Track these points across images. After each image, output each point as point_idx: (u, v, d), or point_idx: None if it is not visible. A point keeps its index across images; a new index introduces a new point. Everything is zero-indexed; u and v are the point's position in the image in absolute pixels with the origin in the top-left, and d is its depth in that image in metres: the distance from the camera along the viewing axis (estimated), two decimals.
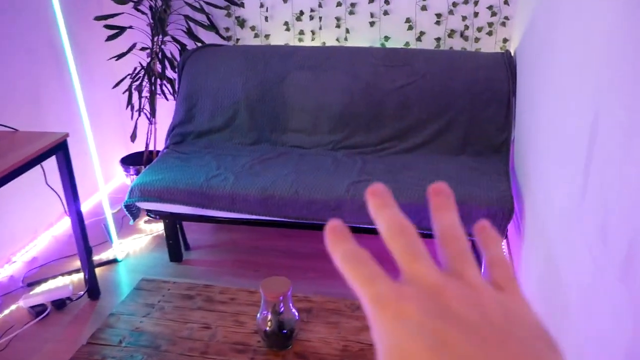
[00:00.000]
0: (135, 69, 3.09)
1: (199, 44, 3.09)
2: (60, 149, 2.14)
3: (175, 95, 3.12)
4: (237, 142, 2.85)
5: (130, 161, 3.27)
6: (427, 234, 0.45)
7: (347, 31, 3.10)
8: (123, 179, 3.41)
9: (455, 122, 2.68)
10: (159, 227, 2.96)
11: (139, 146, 3.32)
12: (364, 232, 2.39)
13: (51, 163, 2.20)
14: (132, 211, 2.53)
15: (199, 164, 2.59)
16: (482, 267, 0.33)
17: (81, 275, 2.51)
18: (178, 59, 3.12)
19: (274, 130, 2.85)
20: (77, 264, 2.50)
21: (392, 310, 0.27)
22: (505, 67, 2.68)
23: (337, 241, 0.30)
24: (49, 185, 2.31)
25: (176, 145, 2.86)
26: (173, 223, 2.62)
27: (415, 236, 0.30)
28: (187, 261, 2.70)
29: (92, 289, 2.41)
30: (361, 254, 0.29)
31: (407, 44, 3.06)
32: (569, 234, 1.47)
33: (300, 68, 2.84)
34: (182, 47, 3.09)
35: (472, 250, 0.31)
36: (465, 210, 2.16)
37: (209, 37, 3.15)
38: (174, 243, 2.64)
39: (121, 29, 2.94)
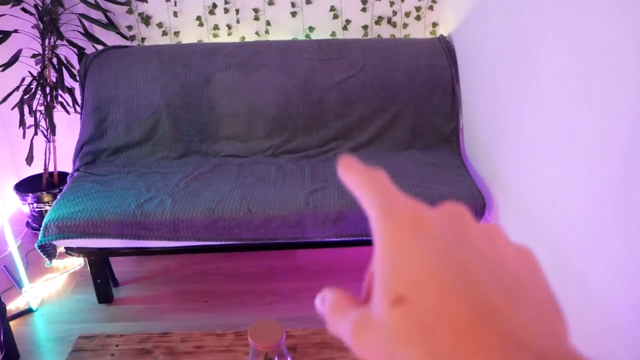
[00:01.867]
0: (23, 79, 2.60)
1: (100, 47, 2.67)
2: None
3: (77, 108, 2.68)
4: (161, 157, 2.49)
5: (26, 187, 2.77)
6: None
7: (268, 23, 2.83)
8: (18, 206, 2.90)
9: (401, 115, 2.52)
10: (74, 262, 2.53)
11: (34, 169, 2.82)
12: (330, 245, 2.18)
13: None
14: (48, 251, 2.12)
15: (123, 187, 2.22)
16: None
17: None
18: (76, 64, 2.68)
19: (204, 140, 2.52)
20: None
21: (407, 219, 0.24)
22: (444, 53, 2.56)
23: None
24: None
25: (88, 167, 2.44)
26: (100, 259, 2.22)
27: None
28: (119, 300, 2.31)
29: (10, 353, 1.97)
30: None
31: (333, 33, 2.85)
32: (599, 240, 1.35)
33: (226, 68, 2.53)
34: (80, 51, 2.65)
35: None
36: None
37: (109, 38, 2.73)
38: (102, 282, 2.25)
39: (5, 34, 2.45)
